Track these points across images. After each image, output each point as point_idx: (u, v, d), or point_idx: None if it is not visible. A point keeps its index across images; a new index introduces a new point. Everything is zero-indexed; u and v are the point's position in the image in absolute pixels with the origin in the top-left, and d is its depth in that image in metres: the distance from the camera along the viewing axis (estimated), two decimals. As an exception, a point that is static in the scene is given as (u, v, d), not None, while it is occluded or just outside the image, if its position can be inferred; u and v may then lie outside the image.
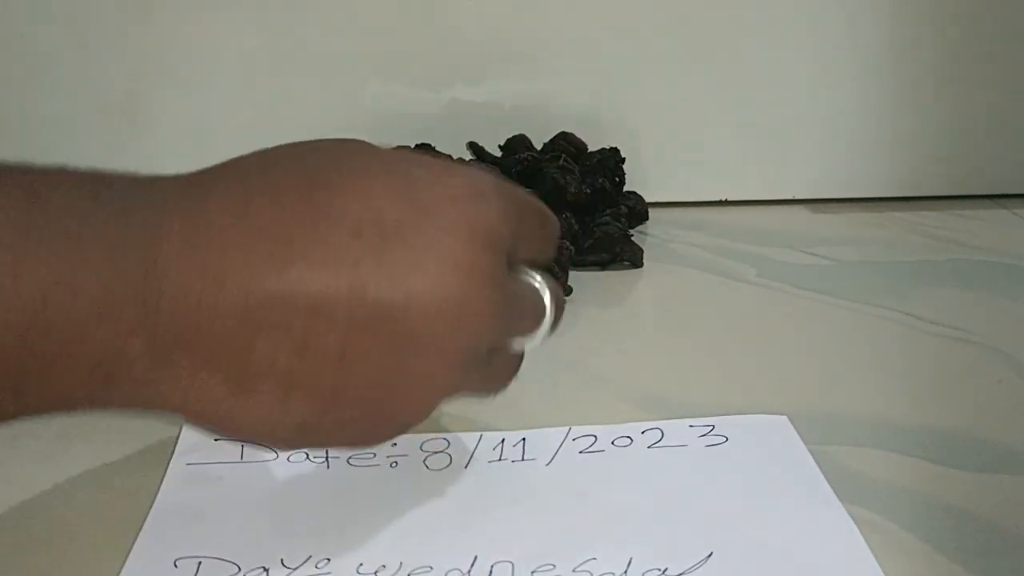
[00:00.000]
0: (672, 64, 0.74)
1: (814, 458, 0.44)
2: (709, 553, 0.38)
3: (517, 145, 0.70)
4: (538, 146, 0.70)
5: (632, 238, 0.67)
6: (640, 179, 0.73)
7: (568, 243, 0.61)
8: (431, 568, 0.37)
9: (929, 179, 0.77)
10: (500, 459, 0.44)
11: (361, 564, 0.38)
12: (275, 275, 0.30)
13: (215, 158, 0.35)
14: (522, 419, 0.47)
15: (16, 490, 0.42)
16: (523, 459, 0.44)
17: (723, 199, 0.76)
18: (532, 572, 0.37)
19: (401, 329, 0.31)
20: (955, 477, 0.43)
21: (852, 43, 0.74)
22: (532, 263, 0.37)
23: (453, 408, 0.48)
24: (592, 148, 0.71)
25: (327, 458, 0.44)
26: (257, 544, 0.39)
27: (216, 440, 0.45)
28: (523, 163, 0.67)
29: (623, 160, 0.71)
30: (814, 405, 0.49)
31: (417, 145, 0.68)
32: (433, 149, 0.68)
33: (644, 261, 0.65)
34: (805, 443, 0.45)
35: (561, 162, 0.67)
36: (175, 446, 0.44)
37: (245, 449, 0.44)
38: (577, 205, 0.66)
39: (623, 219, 0.68)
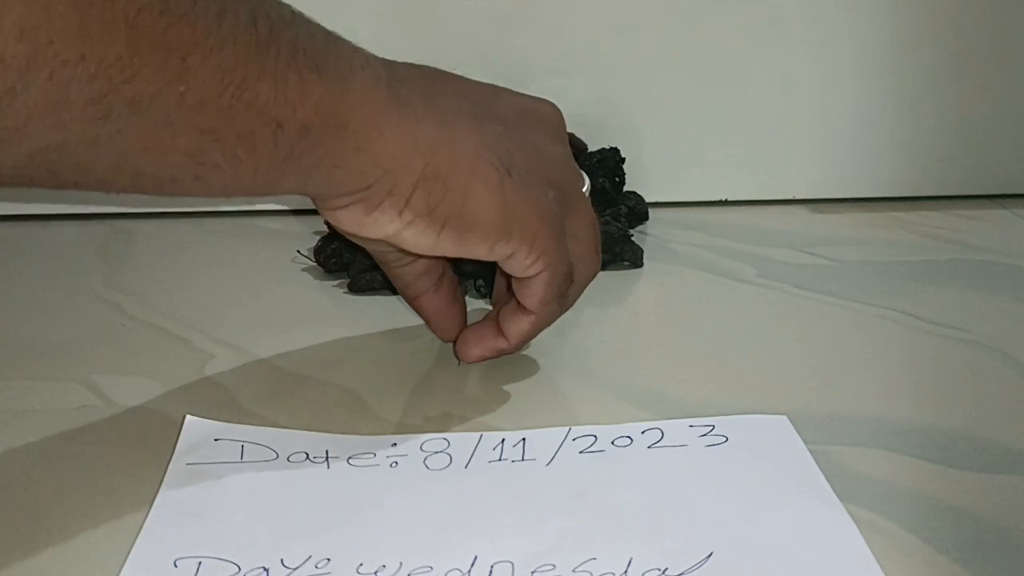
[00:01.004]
0: (673, 64, 0.74)
1: (814, 458, 0.44)
2: (709, 553, 0.38)
3: (517, 145, 0.70)
4: (538, 146, 0.70)
5: (632, 238, 0.67)
6: (640, 179, 0.73)
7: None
8: (431, 568, 0.38)
9: (929, 179, 0.77)
10: (500, 459, 0.44)
11: (361, 564, 0.38)
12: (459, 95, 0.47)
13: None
14: (522, 419, 0.47)
15: (16, 490, 0.42)
16: (523, 459, 0.44)
17: (723, 199, 0.76)
18: (532, 572, 0.37)
19: (532, 115, 0.50)
20: (955, 477, 0.43)
21: (852, 43, 0.74)
22: None
23: (453, 408, 0.48)
24: (592, 148, 0.71)
25: (327, 458, 0.44)
26: (257, 544, 0.39)
27: (216, 440, 0.45)
28: (523, 163, 0.67)
29: (623, 160, 0.71)
30: (814, 405, 0.49)
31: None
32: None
33: (644, 261, 0.65)
34: (805, 443, 0.45)
35: (561, 162, 0.67)
36: (175, 446, 0.44)
37: (245, 449, 0.44)
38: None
39: (623, 219, 0.68)
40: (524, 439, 0.46)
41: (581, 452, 0.45)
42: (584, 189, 0.50)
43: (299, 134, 0.39)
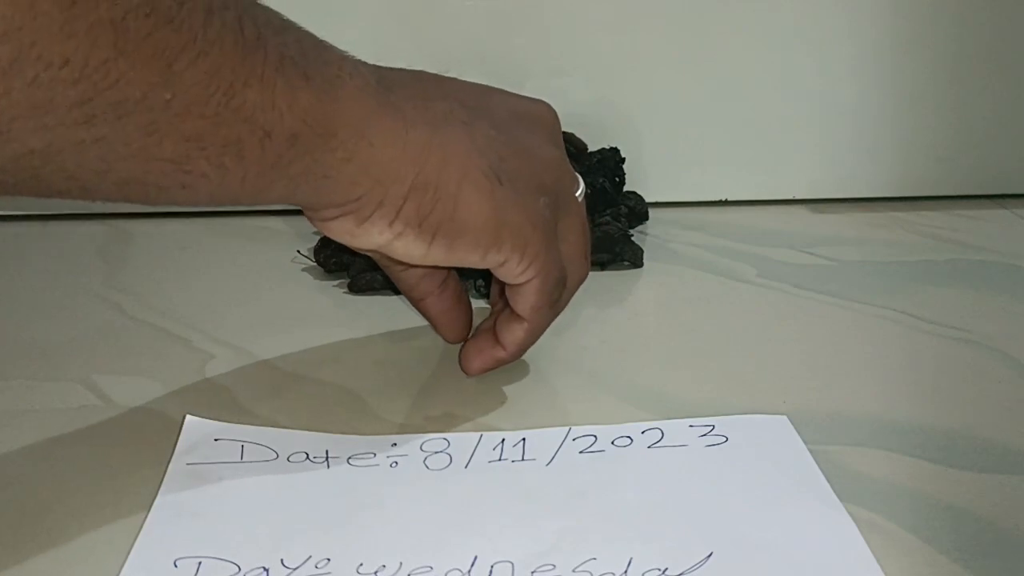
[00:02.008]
0: (673, 64, 0.74)
1: (814, 458, 0.44)
2: (709, 553, 0.38)
3: (517, 145, 0.70)
4: (538, 146, 0.70)
5: (632, 238, 0.67)
6: (640, 179, 0.73)
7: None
8: (431, 568, 0.38)
9: (929, 179, 0.77)
10: (500, 459, 0.44)
11: (361, 564, 0.38)
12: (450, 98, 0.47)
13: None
14: (522, 419, 0.47)
15: (16, 490, 0.42)
16: (523, 459, 0.44)
17: (723, 199, 0.76)
18: (532, 572, 0.37)
19: (526, 117, 0.49)
20: (955, 477, 0.43)
21: (852, 43, 0.74)
22: None
23: (453, 408, 0.48)
24: (592, 148, 0.71)
25: (327, 458, 0.44)
26: (257, 544, 0.39)
27: (216, 440, 0.45)
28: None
29: (623, 160, 0.71)
30: (814, 405, 0.49)
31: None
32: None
33: (644, 261, 0.65)
34: (805, 443, 0.45)
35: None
36: (175, 446, 0.44)
37: (245, 449, 0.44)
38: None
39: (623, 219, 0.68)
40: (524, 439, 0.46)
41: (581, 452, 0.45)
42: (578, 192, 0.50)
43: (287, 142, 0.39)
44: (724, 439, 0.45)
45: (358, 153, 0.41)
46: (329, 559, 0.38)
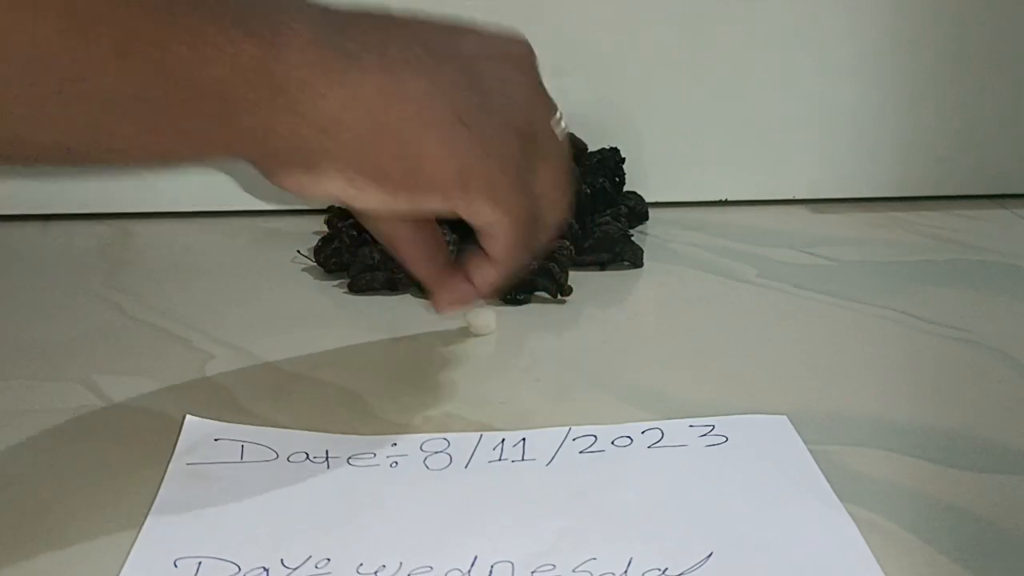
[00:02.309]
0: (673, 64, 0.74)
1: (814, 458, 0.44)
2: (709, 553, 0.38)
3: (517, 145, 0.70)
4: (538, 146, 0.70)
5: (632, 238, 0.67)
6: (640, 179, 0.73)
7: (568, 243, 0.61)
8: (431, 568, 0.38)
9: (929, 179, 0.77)
10: (500, 459, 0.44)
11: (361, 564, 0.38)
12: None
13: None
14: (522, 419, 0.47)
15: (16, 489, 0.42)
16: (523, 459, 0.44)
17: (723, 199, 0.76)
18: (532, 572, 0.37)
19: (497, 55, 0.47)
20: (955, 477, 0.43)
21: (852, 43, 0.74)
22: None
23: (453, 408, 0.48)
24: (592, 148, 0.71)
25: (327, 458, 0.44)
26: (257, 544, 0.39)
27: (216, 440, 0.45)
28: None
29: (623, 160, 0.71)
30: (814, 405, 0.49)
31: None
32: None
33: (644, 261, 0.65)
34: (805, 443, 0.45)
35: (561, 162, 0.67)
36: (175, 446, 0.44)
37: (245, 449, 0.44)
38: (577, 205, 0.65)
39: (623, 219, 0.68)
40: (524, 439, 0.46)
41: (581, 452, 0.45)
42: (556, 120, 0.48)
43: (231, 98, 0.38)
44: (724, 439, 0.45)
45: (306, 104, 0.39)
46: (329, 559, 0.38)
